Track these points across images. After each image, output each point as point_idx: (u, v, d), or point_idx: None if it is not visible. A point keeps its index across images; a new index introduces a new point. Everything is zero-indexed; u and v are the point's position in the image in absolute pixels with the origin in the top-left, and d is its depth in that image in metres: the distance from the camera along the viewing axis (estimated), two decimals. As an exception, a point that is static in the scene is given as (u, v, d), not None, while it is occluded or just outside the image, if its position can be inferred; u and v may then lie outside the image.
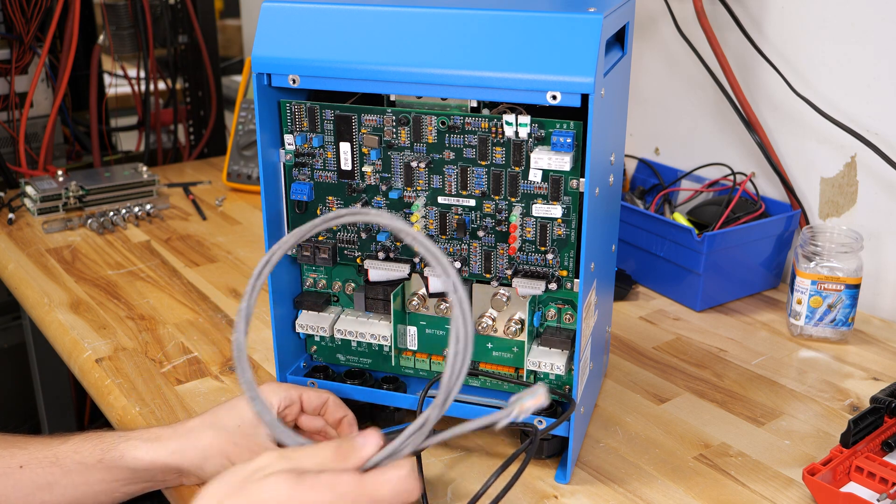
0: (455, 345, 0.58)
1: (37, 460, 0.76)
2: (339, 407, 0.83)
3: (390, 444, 0.61)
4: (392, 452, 0.61)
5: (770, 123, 1.24)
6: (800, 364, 1.04)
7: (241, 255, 1.32)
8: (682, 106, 1.37)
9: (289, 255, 0.88)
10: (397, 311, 0.86)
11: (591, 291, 0.81)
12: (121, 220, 1.42)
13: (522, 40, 0.72)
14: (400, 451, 0.61)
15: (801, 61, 1.19)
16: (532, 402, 0.59)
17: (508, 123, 0.76)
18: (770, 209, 1.22)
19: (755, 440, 0.89)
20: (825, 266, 1.07)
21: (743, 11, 1.23)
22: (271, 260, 0.65)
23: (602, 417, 0.93)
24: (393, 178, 0.82)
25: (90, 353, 1.03)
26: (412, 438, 0.61)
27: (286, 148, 0.84)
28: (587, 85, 0.70)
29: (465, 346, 0.58)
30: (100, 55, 1.80)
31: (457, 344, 0.58)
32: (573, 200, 0.77)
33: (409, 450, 0.61)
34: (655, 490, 0.81)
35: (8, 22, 1.57)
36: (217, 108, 1.88)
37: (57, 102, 1.61)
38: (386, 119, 0.80)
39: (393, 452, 0.61)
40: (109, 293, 1.19)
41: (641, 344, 1.08)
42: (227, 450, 0.76)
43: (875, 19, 1.10)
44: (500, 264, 0.82)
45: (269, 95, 0.81)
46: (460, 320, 0.58)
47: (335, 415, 0.83)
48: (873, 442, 0.83)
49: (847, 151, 1.16)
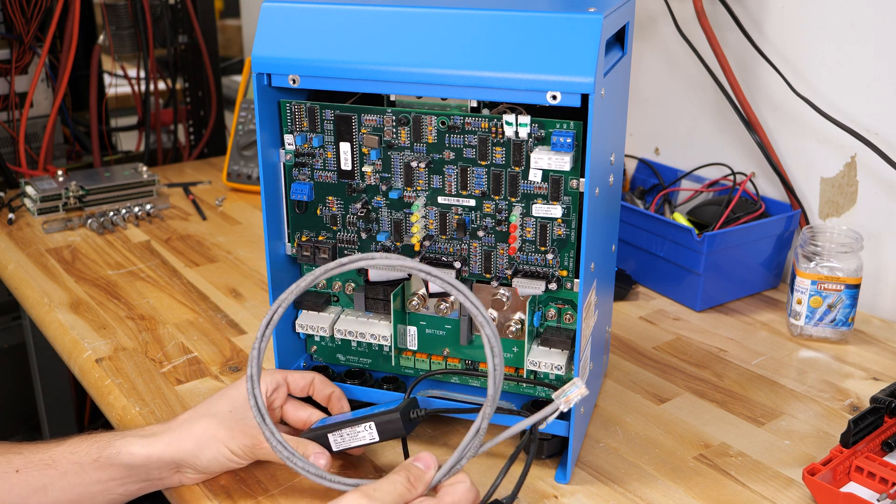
0: (492, 360, 0.68)
1: (32, 463, 0.76)
2: (325, 384, 0.85)
3: (449, 460, 0.70)
4: (452, 466, 0.70)
5: (770, 123, 1.24)
6: (800, 364, 1.04)
7: (241, 255, 1.32)
8: (682, 106, 1.37)
9: (289, 255, 0.88)
10: (397, 311, 0.86)
11: (591, 291, 0.81)
12: (121, 220, 1.42)
13: (522, 40, 0.72)
14: (458, 465, 0.70)
15: (801, 61, 1.19)
16: (576, 393, 0.69)
17: (508, 123, 0.76)
18: (770, 209, 1.22)
19: (755, 440, 0.89)
20: (825, 266, 1.07)
21: (743, 11, 1.23)
22: (272, 319, 0.73)
23: (602, 417, 0.93)
24: (393, 178, 0.82)
25: (90, 353, 1.03)
26: (468, 450, 0.70)
27: (286, 148, 0.84)
28: (587, 85, 0.70)
29: (500, 359, 0.69)
30: (100, 55, 1.80)
31: (493, 359, 0.68)
32: (573, 200, 0.77)
33: (465, 461, 0.70)
34: (655, 490, 0.81)
35: (8, 22, 1.57)
36: (217, 108, 1.88)
37: (57, 102, 1.61)
38: (386, 119, 0.80)
39: (452, 466, 0.70)
40: (109, 293, 1.19)
41: (641, 344, 1.08)
42: (220, 434, 0.77)
43: (875, 19, 1.10)
44: (500, 264, 0.82)
45: (269, 95, 0.81)
46: (492, 338, 0.68)
47: (323, 392, 0.84)
48: (873, 442, 0.83)
49: (847, 151, 1.16)
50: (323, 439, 0.78)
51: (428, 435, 0.89)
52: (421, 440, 0.88)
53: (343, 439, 0.78)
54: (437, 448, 0.86)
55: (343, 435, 0.78)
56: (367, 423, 0.77)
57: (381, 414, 0.77)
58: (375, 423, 0.77)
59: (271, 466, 0.83)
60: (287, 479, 0.82)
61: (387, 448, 0.86)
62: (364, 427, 0.77)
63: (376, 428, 0.77)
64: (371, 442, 0.78)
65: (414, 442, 0.87)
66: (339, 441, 0.78)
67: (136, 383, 0.98)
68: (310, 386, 0.84)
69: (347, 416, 0.80)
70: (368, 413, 0.78)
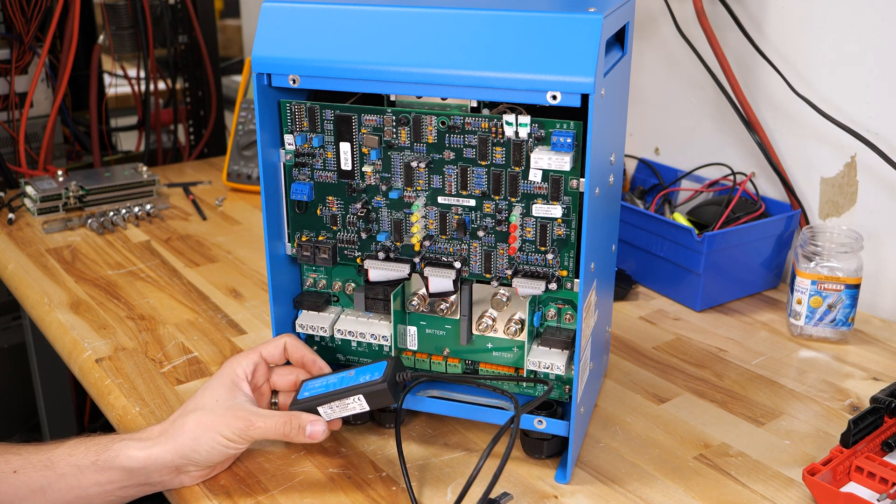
0: None
1: (31, 464, 0.76)
2: (296, 348, 0.86)
3: None
4: None
5: (770, 123, 1.24)
6: (800, 364, 1.04)
7: (241, 255, 1.32)
8: (682, 106, 1.37)
9: (289, 255, 0.88)
10: (397, 311, 0.86)
11: (591, 291, 0.81)
12: (121, 220, 1.42)
13: (522, 40, 0.72)
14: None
15: (801, 61, 1.19)
16: None
17: (508, 123, 0.76)
18: (770, 209, 1.22)
19: (755, 440, 0.89)
20: (825, 266, 1.07)
21: (743, 11, 1.23)
22: None
23: (602, 417, 0.93)
24: (393, 178, 0.82)
25: (90, 353, 1.03)
26: None
27: (286, 148, 0.84)
28: (587, 85, 0.70)
29: None
30: (100, 55, 1.80)
31: None
32: (573, 200, 0.77)
33: None
34: (655, 490, 0.81)
35: (8, 22, 1.57)
36: (217, 108, 1.88)
37: (57, 102, 1.61)
38: (386, 119, 0.80)
39: None
40: (109, 293, 1.19)
41: (641, 344, 1.08)
42: (211, 423, 0.77)
43: (875, 19, 1.10)
44: (500, 264, 0.82)
45: (269, 95, 0.81)
46: None
47: (295, 354, 0.86)
48: (873, 442, 0.83)
49: (847, 151, 1.16)
50: (313, 412, 0.80)
51: (428, 435, 0.89)
52: (421, 440, 0.88)
53: (333, 411, 0.80)
54: (437, 448, 0.87)
55: (333, 407, 0.79)
56: (355, 395, 0.78)
57: (369, 385, 0.78)
58: (364, 394, 0.78)
59: (271, 466, 0.83)
60: (287, 478, 0.82)
61: (387, 448, 0.86)
62: (353, 399, 0.79)
63: (365, 399, 0.79)
64: (362, 411, 0.79)
65: (414, 441, 0.87)
66: (330, 412, 0.80)
67: (136, 383, 0.98)
68: (284, 352, 0.86)
69: (332, 381, 0.81)
70: (355, 384, 0.79)
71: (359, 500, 0.79)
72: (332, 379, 0.82)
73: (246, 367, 0.83)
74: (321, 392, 0.80)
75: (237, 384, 0.81)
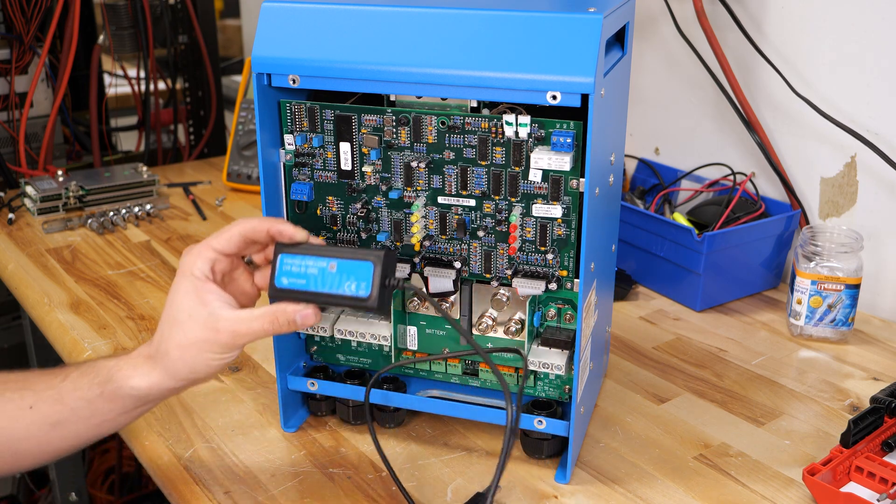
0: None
1: (43, 399, 0.75)
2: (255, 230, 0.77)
3: None
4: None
5: (770, 123, 1.24)
6: (800, 364, 1.04)
7: (241, 255, 1.32)
8: (682, 106, 1.37)
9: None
10: (397, 311, 0.86)
11: (591, 291, 0.81)
12: (121, 220, 1.42)
13: (522, 40, 0.72)
14: None
15: (801, 61, 1.19)
16: None
17: (508, 123, 0.76)
18: (770, 209, 1.22)
19: (755, 440, 0.89)
20: (825, 266, 1.07)
21: (743, 11, 1.23)
22: None
23: (602, 417, 0.93)
24: (393, 178, 0.82)
25: (90, 354, 1.03)
26: None
27: (286, 148, 0.84)
28: (587, 85, 0.70)
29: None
30: (100, 55, 1.80)
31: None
32: (573, 200, 0.77)
33: None
34: (655, 490, 0.81)
35: (8, 22, 1.57)
36: (217, 108, 1.88)
37: (57, 102, 1.61)
38: (386, 119, 0.80)
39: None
40: (109, 293, 1.19)
41: (641, 344, 1.08)
42: (196, 345, 0.73)
43: (875, 19, 1.10)
44: (500, 264, 0.82)
45: (269, 95, 0.81)
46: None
47: (259, 233, 0.77)
48: (873, 442, 0.83)
49: (847, 151, 1.16)
50: None
51: (428, 435, 0.89)
52: (421, 440, 0.88)
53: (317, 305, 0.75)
54: (436, 448, 0.87)
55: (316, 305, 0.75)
56: (339, 307, 0.78)
57: (355, 300, 0.72)
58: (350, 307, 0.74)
59: (271, 466, 0.83)
60: (287, 478, 0.82)
61: (387, 448, 0.86)
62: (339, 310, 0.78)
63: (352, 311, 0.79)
64: None
65: (414, 441, 0.87)
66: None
67: (136, 383, 0.97)
68: (239, 239, 0.77)
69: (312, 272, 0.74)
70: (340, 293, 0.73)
71: (359, 500, 0.79)
72: (311, 269, 0.74)
73: (202, 268, 0.75)
74: (301, 288, 0.74)
75: (202, 290, 0.74)
